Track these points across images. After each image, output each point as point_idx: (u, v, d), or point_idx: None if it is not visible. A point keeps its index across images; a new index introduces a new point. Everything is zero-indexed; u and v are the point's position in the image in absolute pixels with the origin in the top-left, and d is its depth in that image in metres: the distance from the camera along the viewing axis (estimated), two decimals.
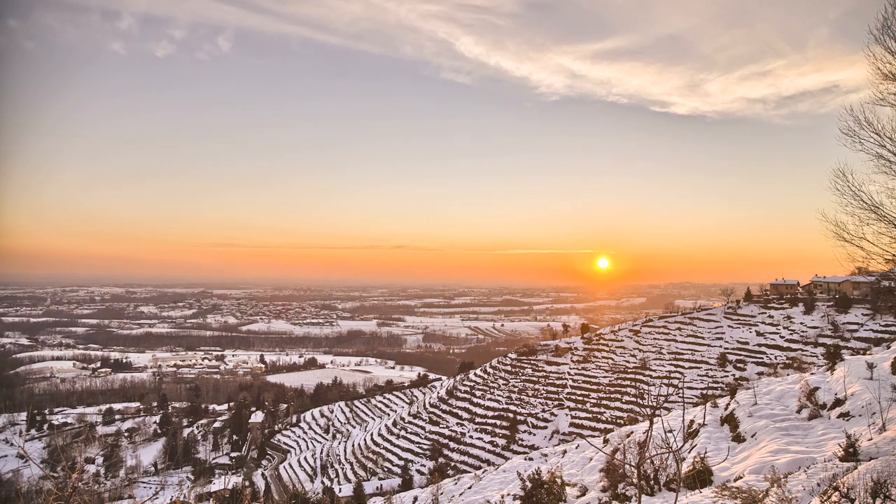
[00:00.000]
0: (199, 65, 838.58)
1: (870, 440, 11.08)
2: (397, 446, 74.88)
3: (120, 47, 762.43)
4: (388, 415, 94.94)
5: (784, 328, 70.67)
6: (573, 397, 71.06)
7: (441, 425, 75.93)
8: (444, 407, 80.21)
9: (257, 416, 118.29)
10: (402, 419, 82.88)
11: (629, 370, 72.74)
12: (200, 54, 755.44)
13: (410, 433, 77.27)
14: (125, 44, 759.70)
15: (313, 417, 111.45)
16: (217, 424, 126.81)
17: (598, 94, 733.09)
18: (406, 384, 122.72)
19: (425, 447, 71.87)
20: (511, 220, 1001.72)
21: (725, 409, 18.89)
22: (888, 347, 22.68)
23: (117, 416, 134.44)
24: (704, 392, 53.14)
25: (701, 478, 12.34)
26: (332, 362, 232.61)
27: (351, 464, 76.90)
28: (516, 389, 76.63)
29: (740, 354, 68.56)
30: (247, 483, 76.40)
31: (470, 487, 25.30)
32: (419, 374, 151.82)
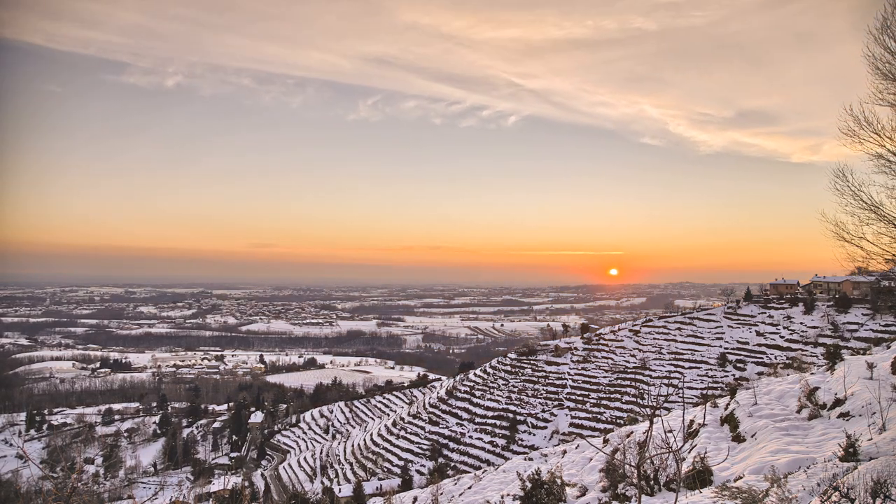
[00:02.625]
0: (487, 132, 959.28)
1: (870, 440, 11.07)
2: (397, 446, 74.84)
3: (440, 121, 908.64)
4: (388, 415, 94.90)
5: (784, 328, 70.70)
6: (573, 397, 71.05)
7: (441, 425, 75.90)
8: (443, 407, 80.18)
9: (257, 417, 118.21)
10: (402, 419, 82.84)
11: (629, 370, 72.74)
12: (492, 126, 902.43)
13: (410, 433, 77.24)
14: (442, 119, 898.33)
15: (313, 418, 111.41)
16: (216, 425, 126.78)
17: (743, 151, 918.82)
18: (406, 384, 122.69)
19: (425, 447, 71.84)
20: (558, 226, 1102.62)
21: (725, 409, 18.88)
22: (888, 347, 22.67)
23: (116, 417, 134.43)
24: (704, 392, 53.17)
25: (701, 478, 12.33)
26: (331, 362, 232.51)
27: (350, 464, 76.87)
28: (516, 389, 76.61)
29: (740, 354, 68.58)
30: (246, 483, 76.35)
31: (470, 488, 25.28)
32: (419, 374, 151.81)
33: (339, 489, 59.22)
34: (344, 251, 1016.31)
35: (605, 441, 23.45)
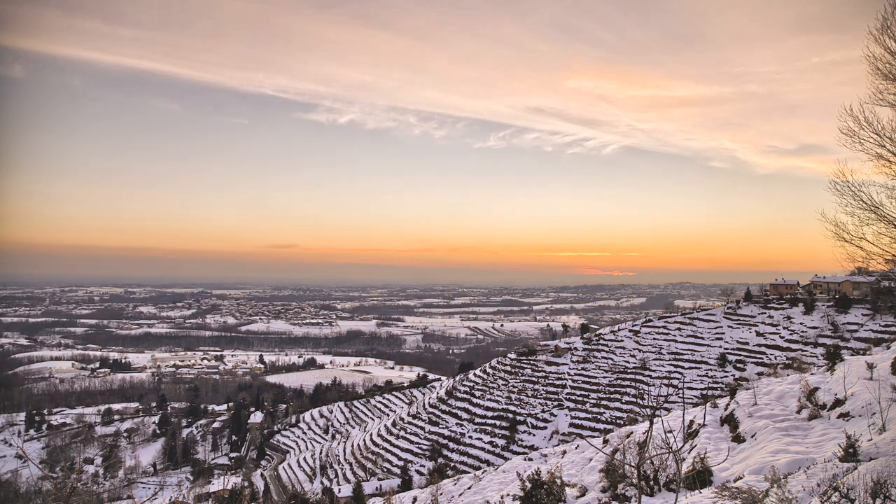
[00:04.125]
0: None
1: (870, 440, 11.08)
2: (397, 447, 74.83)
3: (551, 149, 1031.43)
4: (388, 415, 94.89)
5: (784, 328, 70.69)
6: (573, 398, 71.04)
7: (440, 425, 75.89)
8: (443, 407, 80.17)
9: (256, 417, 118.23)
10: (402, 419, 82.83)
11: (629, 370, 72.73)
12: (594, 153, 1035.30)
13: (410, 433, 77.23)
14: (553, 147, 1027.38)
15: (312, 418, 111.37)
16: (216, 425, 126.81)
17: (794, 173, 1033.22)
18: (405, 384, 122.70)
19: (425, 447, 71.82)
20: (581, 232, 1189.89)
21: (725, 409, 18.89)
22: (888, 348, 22.68)
23: (116, 417, 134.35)
24: (704, 392, 53.18)
25: (701, 478, 12.33)
26: (331, 362, 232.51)
27: (350, 464, 76.86)
28: (516, 390, 76.60)
29: (740, 355, 68.57)
30: (246, 483, 76.34)
31: (469, 488, 25.27)
32: (418, 374, 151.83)
33: (339, 489, 59.19)
34: (372, 252, 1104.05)
35: (605, 441, 23.45)
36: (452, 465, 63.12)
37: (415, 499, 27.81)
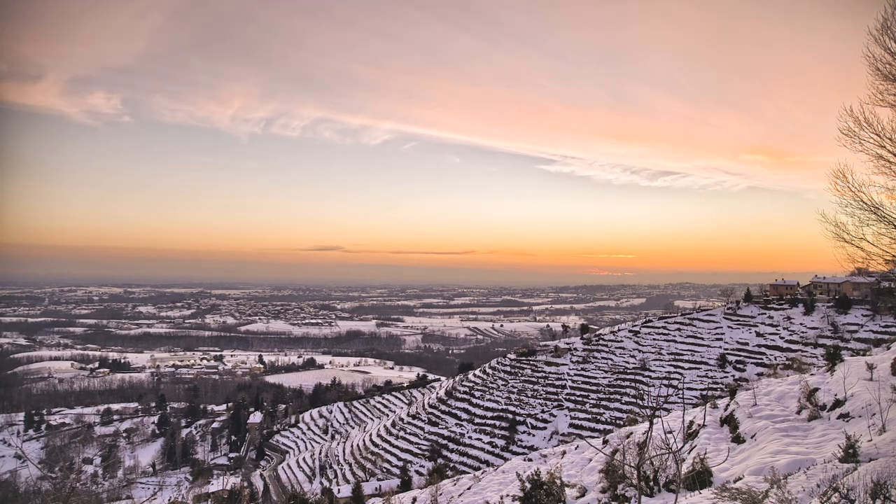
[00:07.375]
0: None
1: (870, 441, 11.07)
2: (396, 447, 74.80)
3: (697, 188, 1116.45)
4: (387, 415, 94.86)
5: (784, 329, 70.72)
6: (572, 398, 71.03)
7: (440, 426, 75.87)
8: (443, 407, 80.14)
9: (256, 417, 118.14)
10: (401, 420, 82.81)
11: (629, 371, 72.73)
12: (724, 189, 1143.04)
13: (409, 434, 77.20)
14: (699, 187, 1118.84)
15: (312, 418, 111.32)
16: (215, 425, 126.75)
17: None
18: (405, 385, 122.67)
19: (424, 448, 71.80)
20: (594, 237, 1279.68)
21: (725, 409, 18.87)
22: (888, 348, 22.69)
23: (115, 417, 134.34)
24: (704, 393, 53.13)
25: (700, 479, 12.31)
26: (330, 363, 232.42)
27: (350, 464, 76.83)
28: (515, 390, 76.59)
29: (740, 355, 68.59)
30: (245, 484, 76.30)
31: (469, 488, 25.25)
32: (418, 374, 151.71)
33: (339, 489, 59.11)
34: (412, 255, 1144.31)
35: (605, 442, 23.44)
36: (452, 465, 63.07)
37: (414, 499, 27.77)
